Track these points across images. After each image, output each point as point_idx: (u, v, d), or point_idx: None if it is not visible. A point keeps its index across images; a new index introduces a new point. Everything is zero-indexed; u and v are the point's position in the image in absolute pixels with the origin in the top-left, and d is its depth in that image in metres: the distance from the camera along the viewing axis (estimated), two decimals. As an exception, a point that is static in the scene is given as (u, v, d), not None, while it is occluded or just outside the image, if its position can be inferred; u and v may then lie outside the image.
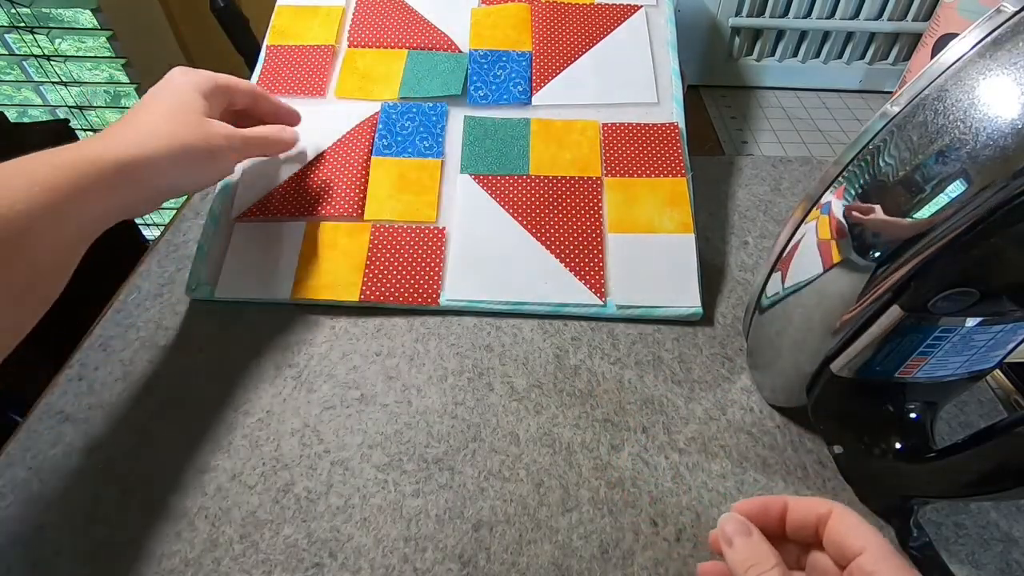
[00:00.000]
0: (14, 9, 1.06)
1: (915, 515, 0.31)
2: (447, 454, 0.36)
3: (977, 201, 0.23)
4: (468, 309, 0.43)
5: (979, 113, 0.23)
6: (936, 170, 0.24)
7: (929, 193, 0.24)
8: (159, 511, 0.34)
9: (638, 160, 0.48)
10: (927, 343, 0.28)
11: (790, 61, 0.66)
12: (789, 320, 0.32)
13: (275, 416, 0.38)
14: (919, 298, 0.26)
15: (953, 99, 0.24)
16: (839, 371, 0.31)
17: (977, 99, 0.23)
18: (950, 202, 0.24)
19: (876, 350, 0.29)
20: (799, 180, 0.54)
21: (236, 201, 0.47)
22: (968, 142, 0.23)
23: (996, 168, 0.23)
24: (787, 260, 0.31)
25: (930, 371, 0.30)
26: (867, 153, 0.27)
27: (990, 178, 0.23)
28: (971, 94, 0.24)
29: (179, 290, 0.45)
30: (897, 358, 0.29)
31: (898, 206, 0.25)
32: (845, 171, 0.28)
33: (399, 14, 0.55)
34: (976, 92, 0.24)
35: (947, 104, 0.24)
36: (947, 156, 0.24)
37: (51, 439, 0.37)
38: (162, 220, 1.45)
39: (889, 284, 0.26)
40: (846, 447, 0.33)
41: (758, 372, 0.38)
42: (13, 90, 1.23)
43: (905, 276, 0.26)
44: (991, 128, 0.23)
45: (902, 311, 0.27)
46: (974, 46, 0.24)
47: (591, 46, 0.53)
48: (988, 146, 0.23)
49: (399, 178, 0.47)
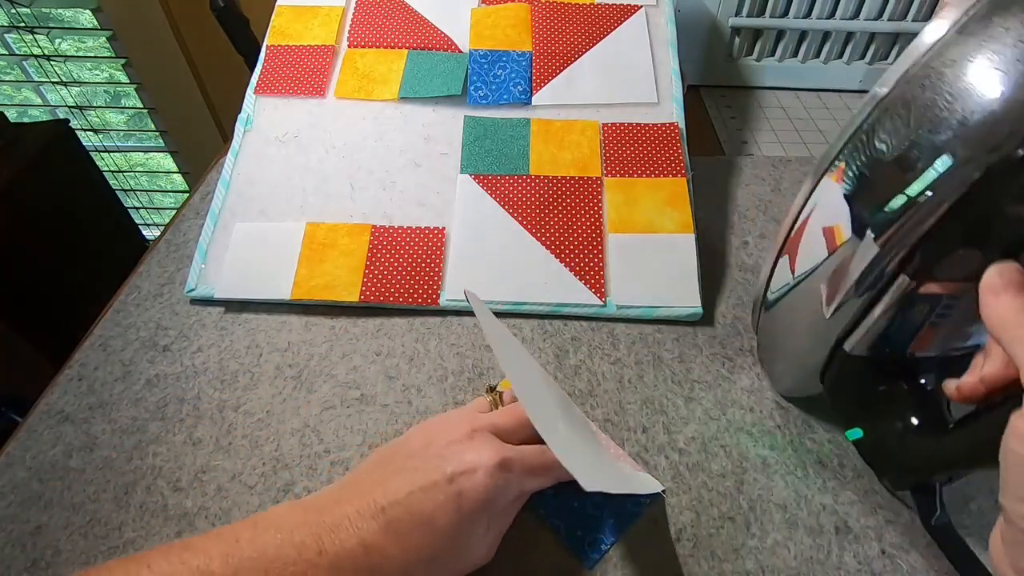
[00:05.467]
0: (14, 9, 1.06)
1: (939, 493, 0.31)
2: (447, 454, 0.36)
3: (967, 169, 0.24)
4: (468, 309, 0.43)
5: (963, 85, 0.25)
6: (927, 141, 0.25)
7: (924, 165, 0.25)
8: (159, 511, 0.34)
9: (638, 160, 0.48)
10: (936, 313, 0.28)
11: (790, 61, 0.66)
12: (799, 307, 0.33)
13: (275, 416, 0.38)
14: (925, 265, 0.27)
15: (937, 75, 0.25)
16: (852, 349, 0.31)
17: (960, 73, 0.25)
18: (944, 171, 0.25)
19: (887, 324, 0.29)
20: (799, 180, 0.54)
21: (236, 201, 0.47)
22: (957, 111, 0.25)
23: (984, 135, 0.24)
24: (792, 248, 0.32)
25: (943, 344, 0.30)
26: (861, 134, 0.28)
27: (980, 145, 0.24)
28: (954, 69, 0.25)
29: (179, 290, 0.45)
30: (908, 331, 0.30)
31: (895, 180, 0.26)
32: (841, 153, 0.29)
33: (399, 14, 0.55)
34: (958, 66, 0.25)
35: (932, 80, 0.26)
36: (937, 128, 0.25)
37: (51, 439, 0.37)
38: (162, 220, 1.46)
39: (894, 255, 0.27)
40: (864, 428, 0.33)
41: (770, 364, 0.38)
42: (13, 90, 1.24)
43: (909, 246, 0.26)
44: (976, 98, 0.24)
45: (909, 280, 0.27)
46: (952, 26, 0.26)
47: (591, 46, 0.53)
48: (975, 113, 0.24)
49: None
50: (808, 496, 0.34)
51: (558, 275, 0.44)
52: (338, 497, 0.27)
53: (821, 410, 0.37)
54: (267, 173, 0.48)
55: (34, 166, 1.01)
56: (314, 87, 0.52)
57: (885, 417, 0.33)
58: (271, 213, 0.47)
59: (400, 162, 0.49)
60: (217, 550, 0.24)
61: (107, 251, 1.16)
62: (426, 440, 0.29)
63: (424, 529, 0.26)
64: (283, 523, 0.26)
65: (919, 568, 0.31)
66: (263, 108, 0.51)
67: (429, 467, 0.27)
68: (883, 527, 0.33)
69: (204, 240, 0.46)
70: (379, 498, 0.26)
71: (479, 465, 0.27)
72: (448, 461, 0.27)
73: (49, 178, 1.04)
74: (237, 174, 0.48)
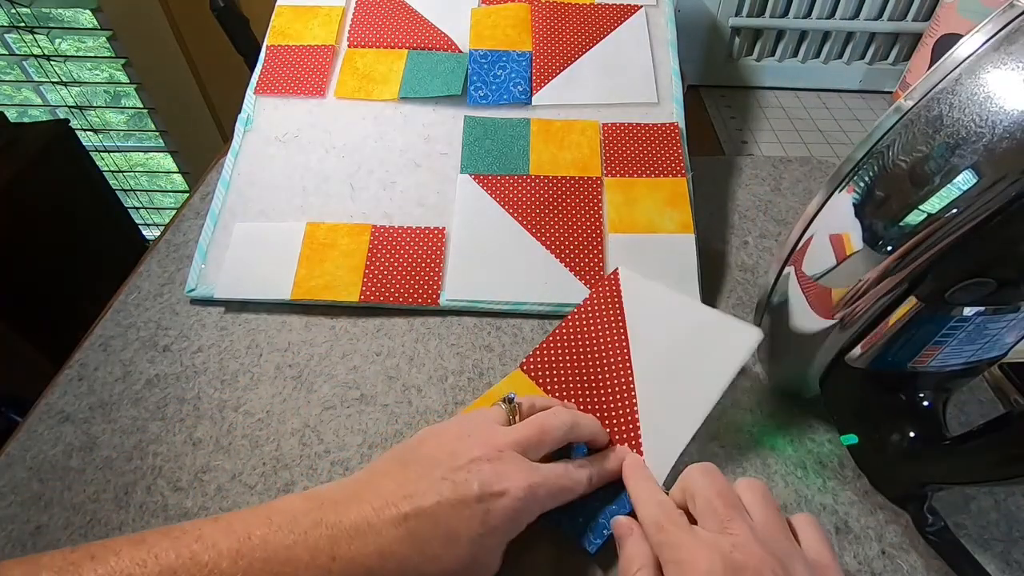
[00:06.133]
0: (14, 9, 1.06)
1: (929, 501, 0.31)
2: (447, 454, 0.36)
3: (993, 192, 0.23)
4: (468, 309, 0.43)
5: (995, 106, 0.23)
6: (952, 162, 0.24)
7: (944, 185, 0.24)
8: (159, 511, 0.34)
9: (638, 160, 0.48)
10: (942, 333, 0.28)
11: (790, 61, 0.66)
12: (802, 315, 0.32)
13: (275, 416, 0.38)
14: (936, 288, 0.26)
15: (968, 92, 0.24)
16: (854, 362, 0.31)
17: (993, 92, 0.23)
18: (964, 193, 0.24)
19: (891, 341, 0.29)
20: (799, 180, 0.54)
21: (236, 201, 0.47)
22: (985, 134, 0.23)
23: (1013, 160, 0.23)
24: (800, 254, 0.31)
25: (943, 360, 0.30)
26: (881, 147, 0.27)
27: (1006, 169, 0.23)
28: (987, 87, 0.24)
29: (179, 290, 0.45)
30: (911, 348, 0.29)
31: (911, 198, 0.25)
32: (859, 165, 0.28)
33: (399, 14, 0.55)
34: (992, 85, 0.24)
35: (962, 98, 0.24)
36: (963, 148, 0.24)
37: (51, 439, 0.37)
38: (162, 220, 1.46)
39: (905, 275, 0.26)
40: (860, 436, 0.33)
41: (770, 365, 0.38)
42: (13, 90, 1.23)
43: (921, 267, 0.26)
44: (1008, 120, 0.23)
45: (918, 301, 0.27)
46: (987, 40, 0.24)
47: (591, 46, 0.53)
48: (1005, 138, 0.23)
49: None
50: (808, 496, 0.34)
51: (558, 275, 0.44)
52: (356, 495, 0.27)
53: (821, 410, 0.37)
54: (267, 173, 0.48)
55: (34, 166, 1.01)
56: (314, 87, 0.52)
57: (882, 427, 0.33)
58: (271, 213, 0.47)
59: (400, 162, 0.49)
60: (227, 545, 0.24)
61: (107, 251, 1.16)
62: (449, 449, 0.29)
63: (446, 542, 0.26)
64: (298, 522, 0.25)
65: (919, 568, 0.31)
66: (263, 108, 0.51)
67: (458, 481, 0.27)
68: (883, 527, 0.33)
69: (204, 240, 0.46)
70: (403, 506, 0.26)
71: (509, 489, 0.28)
72: (477, 478, 0.27)
73: (49, 178, 1.04)
74: (237, 174, 0.48)
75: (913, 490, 0.31)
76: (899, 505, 0.33)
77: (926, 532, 0.31)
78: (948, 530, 0.31)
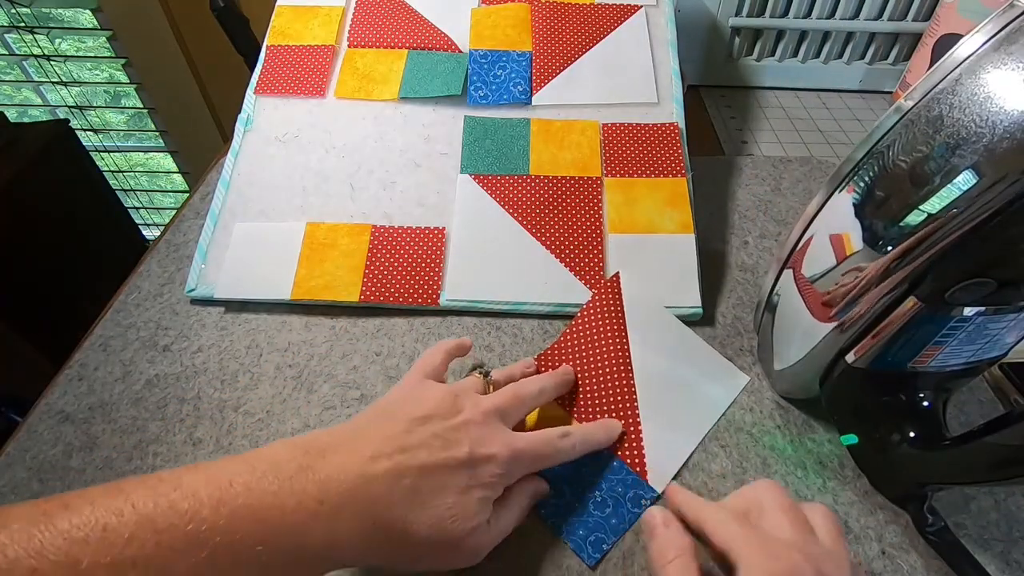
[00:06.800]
0: (14, 9, 1.06)
1: (929, 501, 0.31)
2: (447, 454, 0.36)
3: (993, 192, 0.23)
4: (468, 309, 0.43)
5: (995, 106, 0.23)
6: (952, 162, 0.24)
7: (944, 185, 0.24)
8: (159, 511, 0.34)
9: (638, 160, 0.48)
10: (942, 333, 0.28)
11: (790, 61, 0.66)
12: (802, 315, 0.32)
13: (275, 416, 0.38)
14: (936, 289, 0.26)
15: (968, 93, 0.24)
16: (854, 362, 0.31)
17: (994, 92, 0.23)
18: (964, 193, 0.24)
19: (891, 341, 0.29)
20: (799, 180, 0.54)
21: (236, 201, 0.47)
22: (985, 135, 0.23)
23: (1013, 160, 0.23)
24: (799, 255, 0.31)
25: (943, 360, 0.30)
26: (881, 147, 0.27)
27: (1006, 170, 0.23)
28: (987, 87, 0.24)
29: (179, 290, 0.45)
30: (912, 348, 0.29)
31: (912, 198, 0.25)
32: (859, 165, 0.28)
33: (399, 14, 0.55)
34: (992, 85, 0.24)
35: (962, 98, 0.24)
36: (963, 149, 0.24)
37: (51, 439, 0.37)
38: (162, 220, 1.46)
39: (905, 275, 0.26)
40: (860, 436, 0.33)
41: (770, 365, 0.38)
42: (13, 90, 1.24)
43: (921, 267, 0.26)
44: (1008, 120, 0.23)
45: (918, 302, 0.27)
46: (988, 40, 0.24)
47: (591, 46, 0.53)
48: (1005, 138, 0.23)
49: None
50: (808, 496, 0.34)
51: (558, 275, 0.44)
52: (343, 444, 0.27)
53: (821, 410, 0.37)
54: (267, 173, 0.48)
55: (34, 166, 1.01)
56: (314, 87, 0.52)
57: (882, 427, 0.33)
58: (271, 213, 0.47)
59: (400, 162, 0.49)
60: (207, 492, 0.23)
61: (107, 251, 1.16)
62: (432, 405, 0.30)
63: (434, 493, 0.27)
64: (282, 468, 0.25)
65: (919, 568, 0.31)
66: (263, 108, 0.51)
67: (449, 440, 0.28)
68: (883, 527, 0.33)
69: (204, 240, 0.46)
70: (396, 456, 0.27)
71: (496, 454, 0.29)
72: (468, 439, 0.29)
73: (49, 178, 1.04)
74: (237, 174, 0.48)
75: (913, 490, 0.31)
76: (899, 505, 0.33)
77: (926, 532, 0.31)
78: (948, 530, 0.31)
